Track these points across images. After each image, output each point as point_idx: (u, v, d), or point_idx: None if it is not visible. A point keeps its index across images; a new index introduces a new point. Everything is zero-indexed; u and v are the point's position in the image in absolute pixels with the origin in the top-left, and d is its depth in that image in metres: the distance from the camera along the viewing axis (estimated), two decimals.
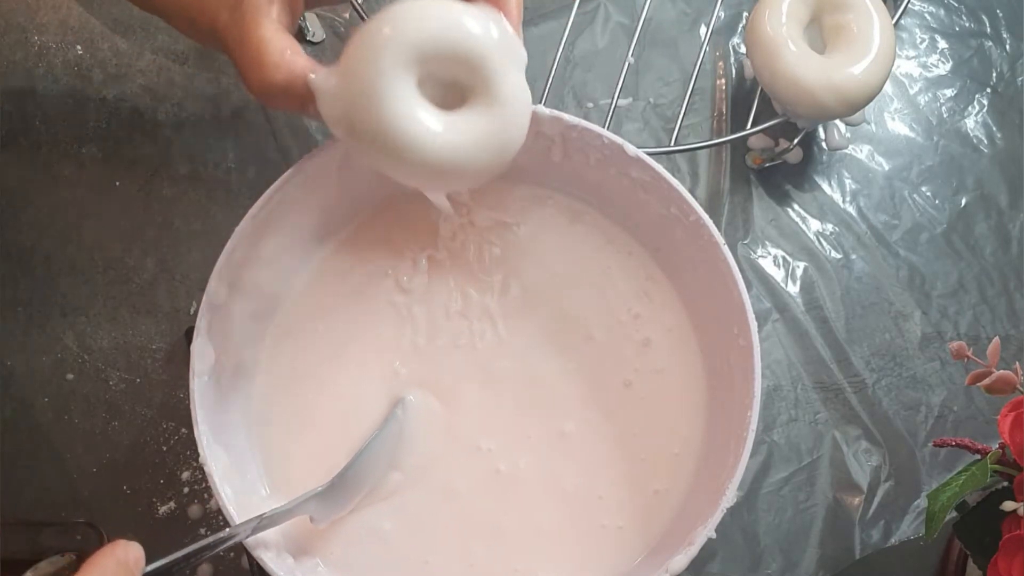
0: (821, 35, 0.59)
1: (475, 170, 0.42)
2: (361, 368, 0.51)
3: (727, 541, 0.58)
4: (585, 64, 0.65)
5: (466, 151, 0.41)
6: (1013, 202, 0.65)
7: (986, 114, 0.67)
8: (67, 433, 0.56)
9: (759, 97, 0.61)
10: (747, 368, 0.46)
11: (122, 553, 0.37)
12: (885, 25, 0.57)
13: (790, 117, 0.60)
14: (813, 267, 0.63)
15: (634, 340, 0.52)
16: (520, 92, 0.42)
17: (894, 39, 0.58)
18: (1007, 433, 0.44)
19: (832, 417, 0.60)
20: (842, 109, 0.57)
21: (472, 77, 0.41)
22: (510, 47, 0.41)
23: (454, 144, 0.41)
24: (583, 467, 0.50)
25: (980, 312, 0.63)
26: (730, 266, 0.47)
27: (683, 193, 0.47)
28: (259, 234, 0.47)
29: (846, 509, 0.58)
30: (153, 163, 0.61)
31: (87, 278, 0.59)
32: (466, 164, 0.41)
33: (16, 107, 0.61)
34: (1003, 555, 0.43)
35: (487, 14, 0.41)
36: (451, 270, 0.52)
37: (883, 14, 0.58)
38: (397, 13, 0.40)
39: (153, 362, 0.58)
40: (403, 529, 0.49)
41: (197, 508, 0.55)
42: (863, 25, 0.57)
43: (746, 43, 0.59)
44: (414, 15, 0.40)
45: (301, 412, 0.50)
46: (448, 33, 0.40)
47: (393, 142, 0.40)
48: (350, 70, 0.40)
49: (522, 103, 0.42)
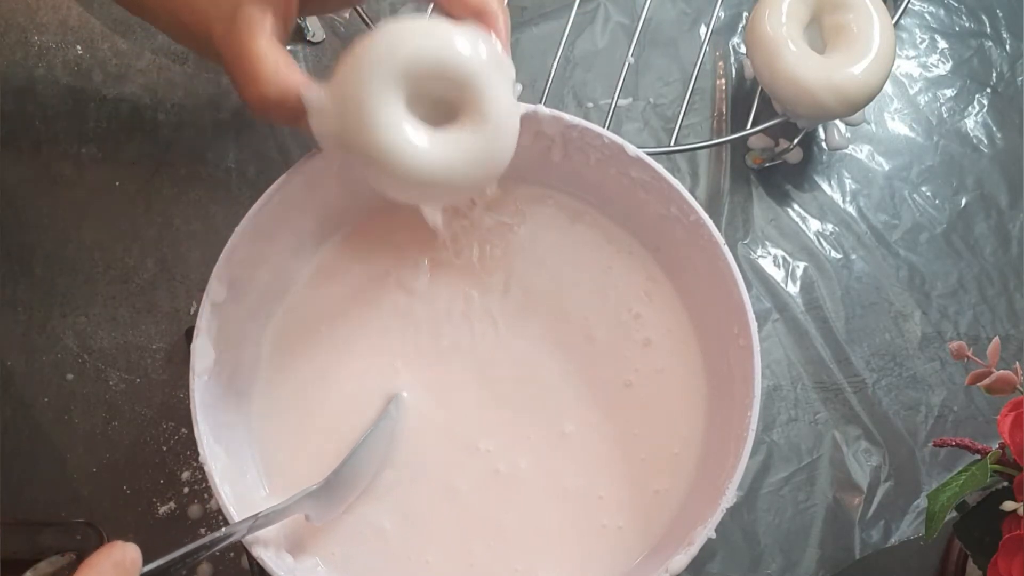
0: (821, 35, 0.59)
1: (463, 185, 0.43)
2: (362, 368, 0.51)
3: (727, 541, 0.58)
4: (585, 64, 0.65)
5: (454, 166, 0.42)
6: (1013, 202, 0.65)
7: (986, 114, 0.67)
8: (67, 433, 0.56)
9: (759, 97, 0.61)
10: (747, 368, 0.46)
11: (119, 554, 0.37)
12: (885, 25, 0.57)
13: (790, 117, 0.60)
14: (813, 267, 0.63)
15: (635, 340, 0.52)
16: (508, 109, 0.42)
17: (894, 39, 0.58)
18: (1007, 433, 0.44)
19: (832, 417, 0.60)
20: (842, 109, 0.57)
21: (461, 95, 0.42)
22: (499, 65, 0.42)
23: (441, 159, 0.41)
24: (583, 467, 0.50)
25: (980, 312, 0.63)
26: (730, 266, 0.47)
27: (683, 193, 0.47)
28: (259, 234, 0.47)
29: (846, 509, 0.58)
30: (153, 163, 0.61)
31: (87, 278, 0.59)
32: (453, 179, 0.42)
33: (16, 107, 0.61)
34: (1003, 555, 0.43)
35: (476, 34, 0.42)
36: (452, 270, 0.52)
37: (883, 14, 0.58)
38: (388, 32, 0.41)
39: (153, 362, 0.58)
40: (403, 529, 0.49)
41: (197, 508, 0.55)
42: (863, 25, 0.57)
43: (746, 43, 0.59)
44: (405, 34, 0.41)
45: (301, 412, 0.50)
46: (438, 53, 0.41)
47: (381, 157, 0.41)
48: (340, 87, 0.41)
49: (510, 120, 0.43)
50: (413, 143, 0.41)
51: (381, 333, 0.51)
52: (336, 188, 0.49)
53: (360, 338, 0.51)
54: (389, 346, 0.51)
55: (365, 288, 0.52)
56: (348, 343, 0.51)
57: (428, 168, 0.41)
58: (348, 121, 0.41)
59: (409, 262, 0.52)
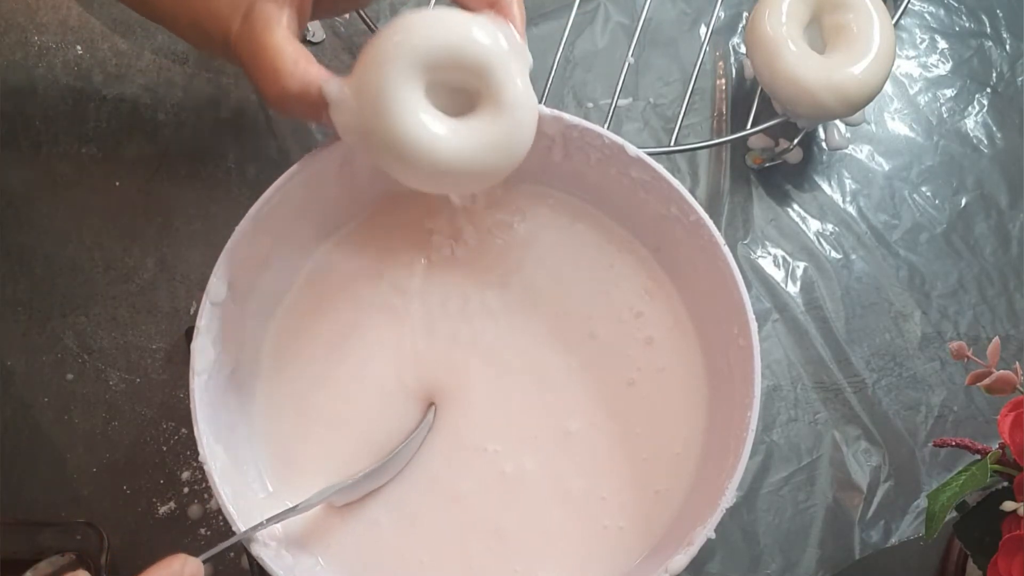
0: (821, 35, 0.59)
1: (483, 173, 0.43)
2: (362, 367, 0.51)
3: (727, 541, 0.58)
4: (585, 64, 0.65)
5: (474, 155, 0.42)
6: (1013, 202, 0.65)
7: (986, 114, 0.67)
8: (67, 433, 0.56)
9: (759, 97, 0.61)
10: (747, 368, 0.46)
11: (179, 566, 0.37)
12: (885, 25, 0.57)
13: (790, 117, 0.60)
14: (813, 267, 0.63)
15: (636, 339, 0.52)
16: (527, 97, 0.43)
17: (894, 39, 0.58)
18: (1007, 433, 0.44)
19: (832, 417, 0.60)
20: (842, 109, 0.57)
21: (481, 84, 0.42)
22: (517, 54, 0.43)
23: (462, 148, 0.42)
24: (587, 467, 0.50)
25: (980, 312, 0.63)
26: (730, 266, 0.47)
27: (683, 193, 0.48)
28: (259, 233, 0.47)
29: (846, 509, 0.58)
30: (153, 163, 0.61)
31: (87, 278, 0.59)
32: (474, 167, 0.43)
33: (16, 107, 0.61)
34: (1003, 555, 0.43)
35: (495, 23, 0.42)
36: (452, 269, 0.52)
37: (883, 14, 0.58)
38: (407, 23, 0.42)
39: (153, 362, 0.58)
40: (404, 529, 0.49)
41: (197, 508, 0.55)
42: (863, 25, 0.57)
43: (746, 43, 0.59)
44: (423, 25, 0.41)
45: (301, 411, 0.50)
46: (457, 42, 0.41)
47: (401, 147, 0.41)
48: (361, 78, 0.41)
49: (529, 108, 0.43)
50: (434, 132, 0.41)
51: (381, 332, 0.51)
52: (336, 188, 0.49)
53: (360, 337, 0.51)
54: (389, 345, 0.51)
55: (365, 287, 0.52)
56: (348, 342, 0.51)
57: (449, 157, 0.42)
58: (368, 112, 0.41)
59: (408, 261, 0.52)
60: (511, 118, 0.42)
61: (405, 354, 0.51)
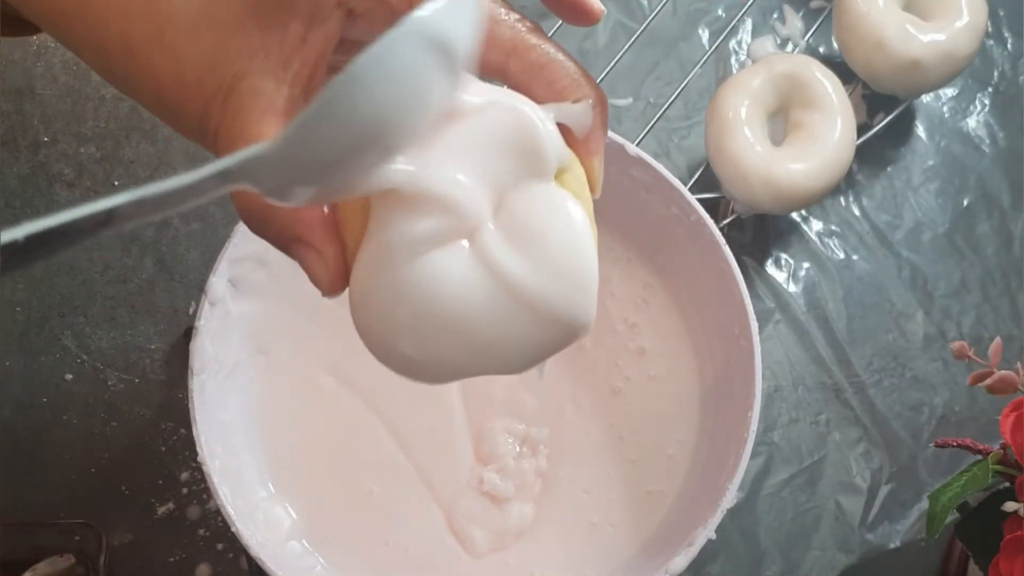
0: (785, 127, 0.58)
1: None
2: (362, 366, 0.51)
3: (727, 543, 0.57)
4: (585, 64, 0.64)
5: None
6: (1015, 202, 0.65)
7: (988, 114, 0.67)
8: (66, 433, 0.56)
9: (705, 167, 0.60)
10: (748, 369, 0.46)
11: None
12: (846, 137, 0.57)
13: (726, 195, 0.58)
14: (815, 267, 0.63)
15: (629, 349, 0.52)
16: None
17: (852, 150, 0.57)
18: (1008, 433, 0.43)
19: (833, 418, 0.60)
20: (772, 204, 0.56)
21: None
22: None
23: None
24: (578, 468, 0.50)
25: (983, 312, 0.63)
26: (731, 266, 0.47)
27: (684, 193, 0.47)
28: None
29: (847, 511, 0.58)
30: (152, 163, 0.61)
31: (85, 278, 0.59)
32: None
33: (15, 107, 0.61)
34: (1004, 556, 0.43)
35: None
36: None
37: (848, 126, 0.57)
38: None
39: (152, 362, 0.58)
40: (399, 527, 0.49)
41: (196, 509, 0.55)
42: (825, 129, 0.56)
43: (706, 112, 0.58)
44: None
45: (300, 411, 0.50)
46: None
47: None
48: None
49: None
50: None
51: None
52: None
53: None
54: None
55: None
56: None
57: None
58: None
59: None
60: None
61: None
